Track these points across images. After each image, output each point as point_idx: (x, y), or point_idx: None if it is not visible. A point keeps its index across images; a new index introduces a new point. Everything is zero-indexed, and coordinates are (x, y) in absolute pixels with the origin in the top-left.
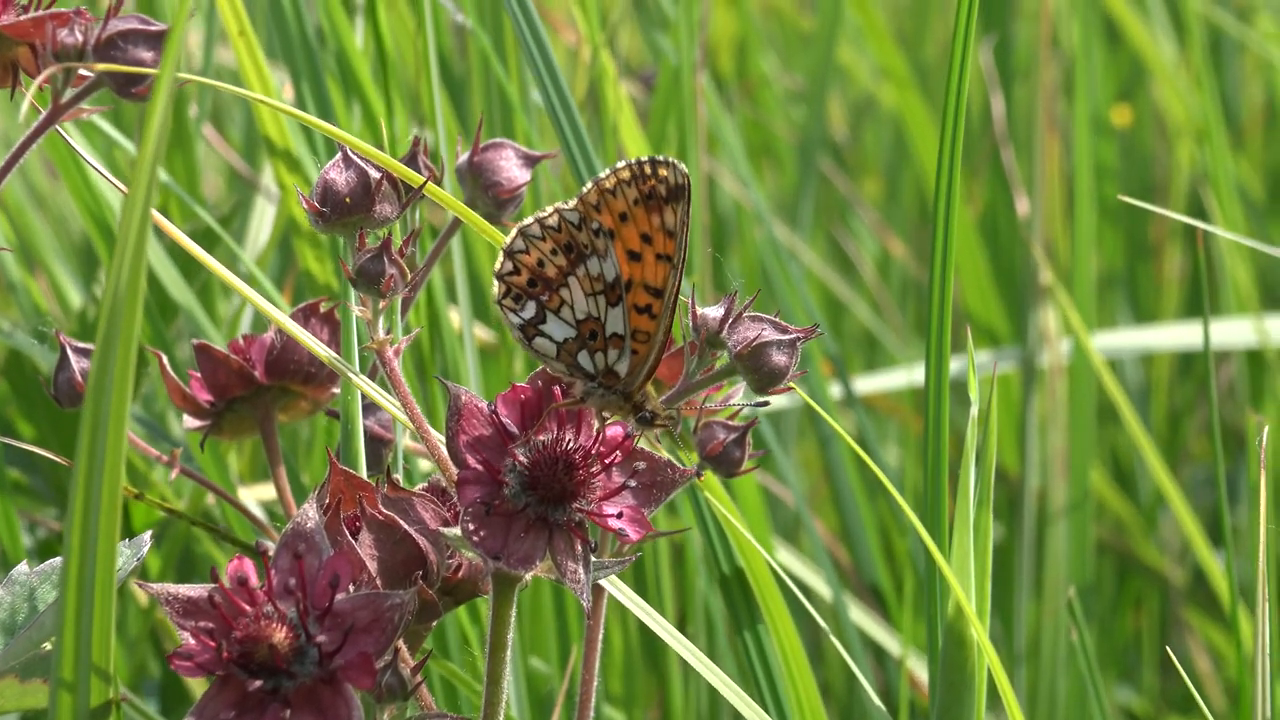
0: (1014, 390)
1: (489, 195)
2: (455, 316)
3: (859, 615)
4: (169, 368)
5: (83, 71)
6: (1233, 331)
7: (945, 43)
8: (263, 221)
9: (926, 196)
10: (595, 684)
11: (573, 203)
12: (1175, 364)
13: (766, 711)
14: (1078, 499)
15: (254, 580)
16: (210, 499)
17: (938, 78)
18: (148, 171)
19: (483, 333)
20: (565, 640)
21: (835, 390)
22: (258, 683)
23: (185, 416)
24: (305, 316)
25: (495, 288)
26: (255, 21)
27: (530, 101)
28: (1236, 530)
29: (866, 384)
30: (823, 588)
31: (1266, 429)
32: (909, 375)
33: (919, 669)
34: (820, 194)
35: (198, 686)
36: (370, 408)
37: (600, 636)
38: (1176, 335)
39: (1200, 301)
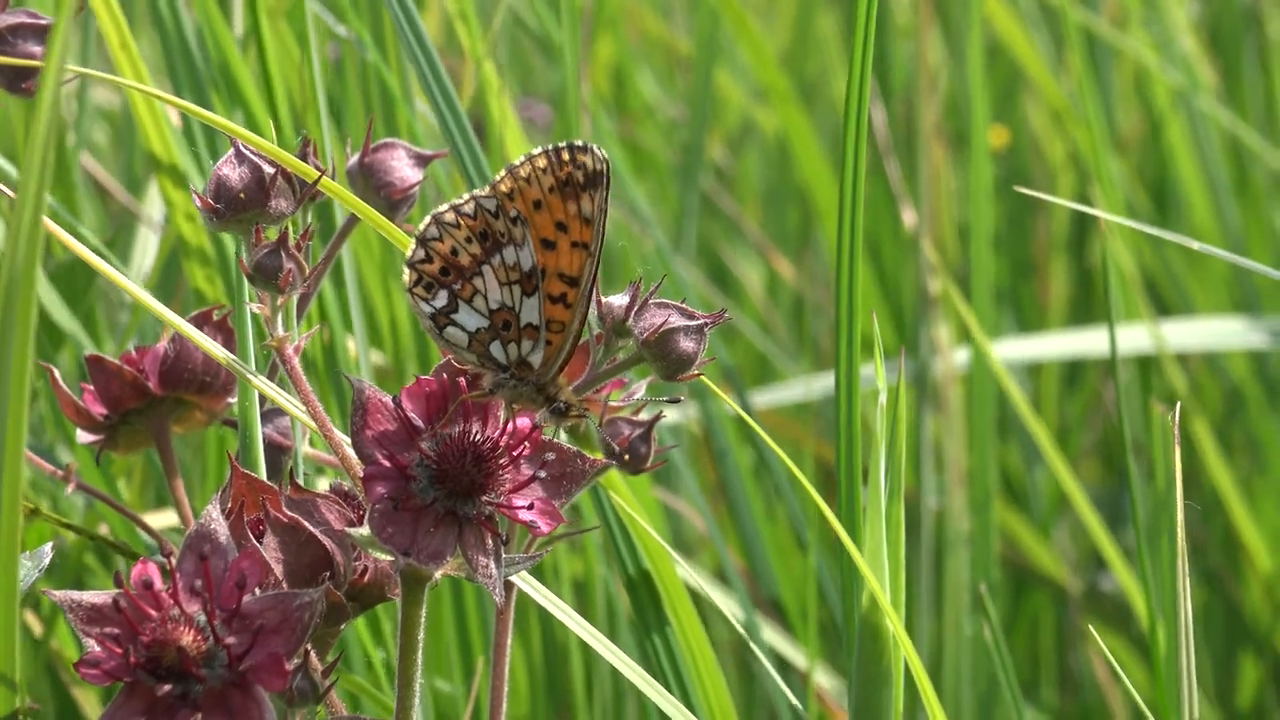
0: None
1: (381, 196)
2: (351, 345)
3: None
4: (61, 381)
5: None
6: (1128, 338)
7: (824, 61)
8: (145, 251)
9: (810, 213)
10: (505, 689)
11: (487, 190)
12: (1062, 379)
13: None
14: (979, 509)
15: (159, 584)
16: (103, 527)
17: (819, 94)
18: (40, 155)
19: (378, 359)
20: (469, 658)
21: (729, 409)
22: (166, 687)
23: (79, 431)
24: (199, 325)
25: (406, 275)
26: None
27: (417, 112)
28: (1127, 550)
29: (763, 398)
30: (726, 603)
31: (1180, 405)
32: (806, 387)
33: (824, 683)
34: (702, 218)
35: (94, 713)
36: (268, 416)
37: (509, 641)
38: (1072, 342)
39: (1084, 320)
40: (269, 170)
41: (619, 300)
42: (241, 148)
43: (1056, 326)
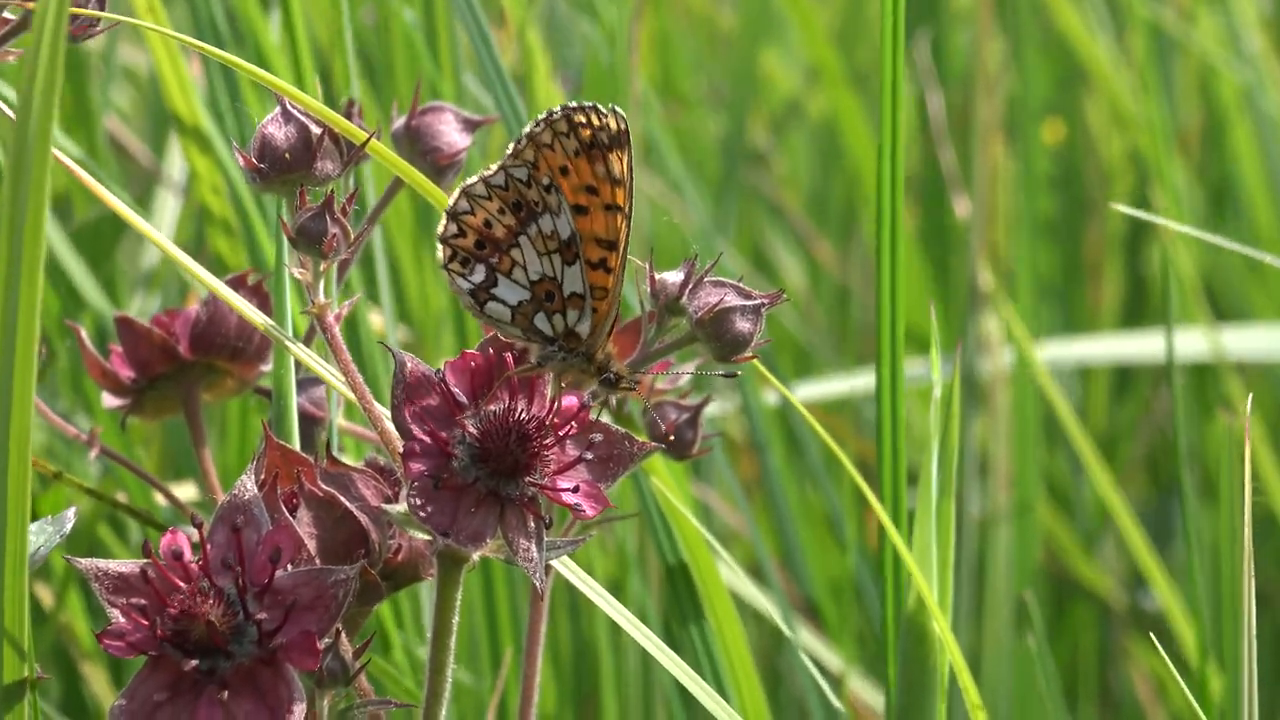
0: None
1: (427, 161)
2: (376, 319)
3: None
4: (88, 341)
5: (7, 14)
6: (1183, 343)
7: (877, 42)
8: (165, 215)
9: (856, 201)
10: (538, 679)
11: (514, 158)
12: (1112, 386)
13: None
14: (1023, 517)
15: (189, 555)
16: (120, 495)
17: (871, 76)
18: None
19: (403, 333)
20: (497, 647)
21: (770, 398)
22: (193, 663)
23: (104, 395)
24: (233, 289)
25: (439, 252)
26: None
27: (460, 84)
28: (1177, 566)
29: (803, 391)
30: (762, 600)
31: (1251, 396)
32: (849, 382)
33: (859, 687)
34: (742, 201)
35: (105, 697)
36: (302, 385)
37: (544, 629)
38: (1124, 346)
39: (1136, 325)
40: (316, 130)
41: (673, 277)
42: (288, 106)
43: (1108, 330)
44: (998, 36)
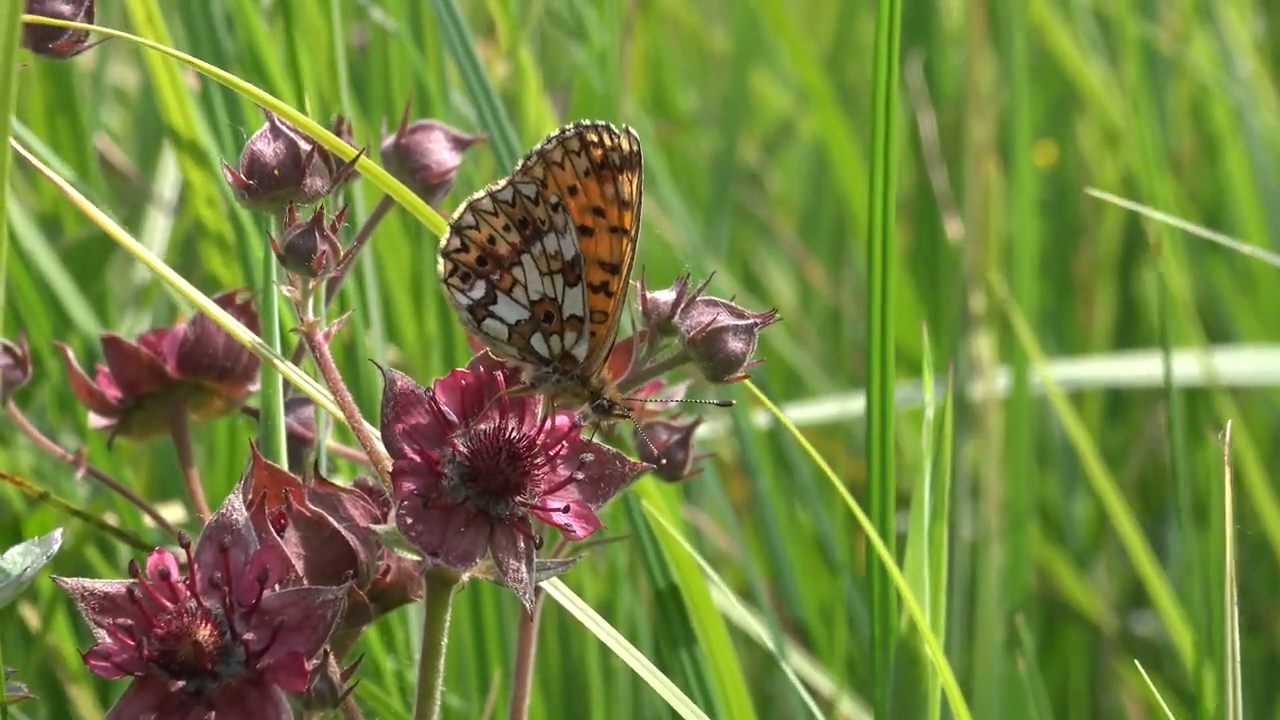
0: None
1: (417, 179)
2: (368, 340)
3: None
4: (74, 361)
5: None
6: (1177, 366)
7: (866, 66)
8: (154, 234)
9: (846, 222)
10: (527, 701)
11: (522, 175)
12: (1104, 411)
13: None
14: (1015, 540)
15: (176, 575)
16: (109, 517)
17: (861, 98)
18: None
19: (394, 355)
20: (485, 670)
21: (760, 420)
22: (179, 684)
23: (91, 415)
24: (221, 307)
25: (440, 265)
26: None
27: (450, 103)
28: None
29: (796, 414)
30: (752, 623)
31: (1230, 423)
32: (841, 405)
33: (850, 710)
34: (733, 222)
35: (90, 713)
36: (290, 405)
37: (533, 651)
38: (1118, 368)
39: (1129, 349)
40: (305, 147)
41: (665, 296)
42: (277, 122)
43: (1100, 353)
44: (990, 58)
